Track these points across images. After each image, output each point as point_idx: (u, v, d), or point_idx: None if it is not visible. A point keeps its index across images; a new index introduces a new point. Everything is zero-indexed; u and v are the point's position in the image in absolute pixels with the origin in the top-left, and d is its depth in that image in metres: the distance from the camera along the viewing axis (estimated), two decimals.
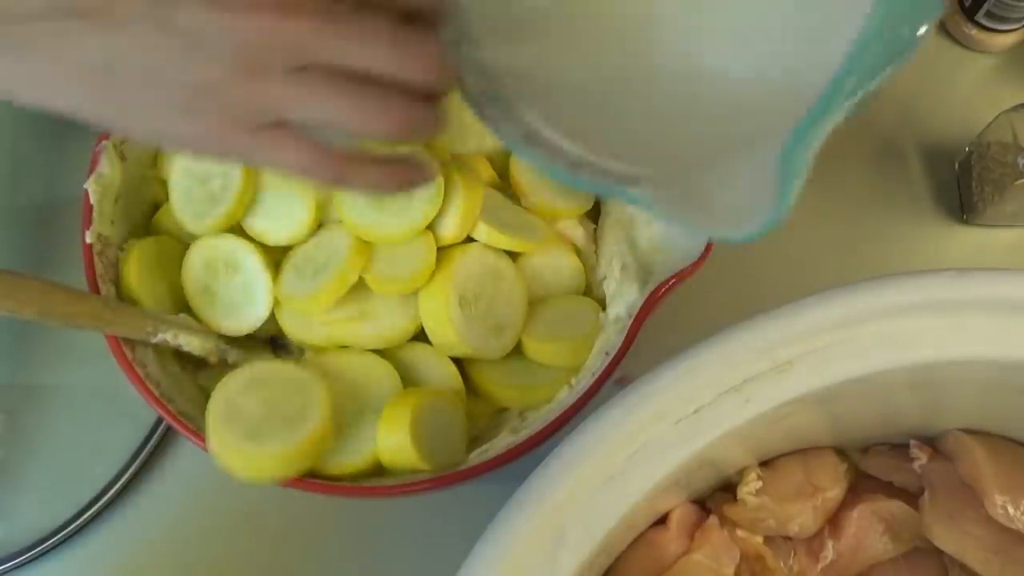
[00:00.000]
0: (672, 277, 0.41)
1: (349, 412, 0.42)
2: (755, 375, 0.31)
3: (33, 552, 0.48)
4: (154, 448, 0.50)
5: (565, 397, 0.43)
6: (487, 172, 0.47)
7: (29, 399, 0.52)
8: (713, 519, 0.36)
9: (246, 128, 0.30)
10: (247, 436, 0.38)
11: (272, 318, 0.45)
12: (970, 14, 0.58)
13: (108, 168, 0.44)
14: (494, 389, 0.46)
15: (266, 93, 0.30)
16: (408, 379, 0.45)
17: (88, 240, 0.42)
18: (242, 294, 0.45)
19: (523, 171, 0.47)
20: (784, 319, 0.31)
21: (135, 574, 0.48)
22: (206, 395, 0.45)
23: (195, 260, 0.45)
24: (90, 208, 0.43)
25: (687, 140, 0.39)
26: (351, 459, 0.41)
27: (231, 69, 0.29)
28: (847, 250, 0.57)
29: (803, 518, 0.37)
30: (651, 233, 0.46)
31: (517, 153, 0.40)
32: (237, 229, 0.45)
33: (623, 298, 0.44)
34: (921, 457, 0.37)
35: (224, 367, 0.45)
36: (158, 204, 0.48)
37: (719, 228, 0.34)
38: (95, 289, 0.42)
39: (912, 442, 0.38)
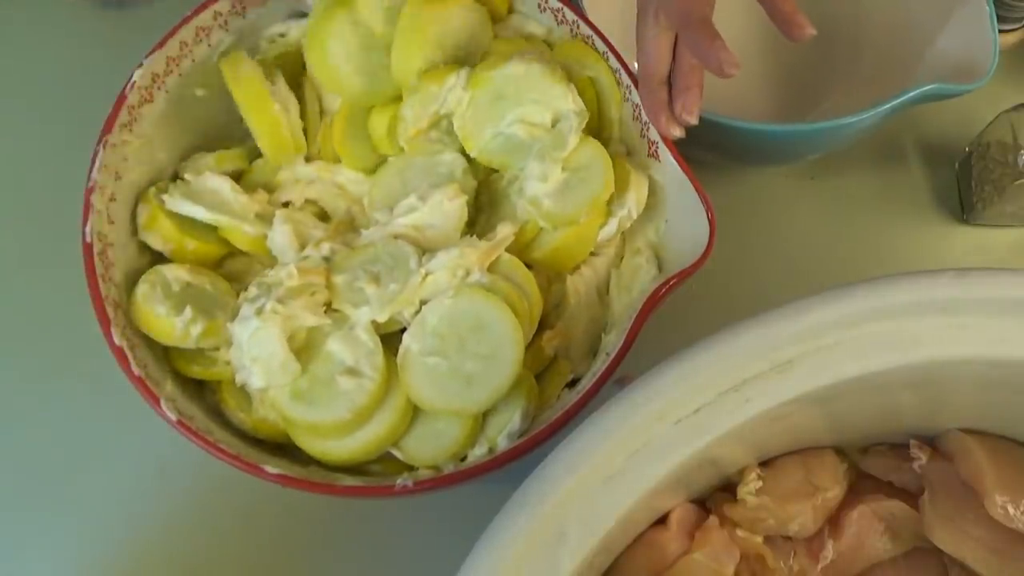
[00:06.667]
0: (672, 277, 0.41)
1: None
2: (755, 375, 0.31)
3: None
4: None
5: (565, 397, 0.43)
6: None
7: (29, 399, 0.52)
8: (713, 519, 0.36)
9: None
10: None
11: None
12: None
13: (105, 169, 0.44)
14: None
15: None
16: None
17: (88, 240, 0.42)
18: None
19: None
20: (784, 319, 0.31)
21: (135, 574, 0.48)
22: (206, 395, 0.45)
23: None
24: (90, 208, 0.43)
25: None
26: None
27: None
28: (847, 250, 0.57)
29: (803, 518, 0.37)
30: (660, 225, 0.46)
31: None
32: None
33: (639, 281, 0.44)
34: (921, 457, 0.37)
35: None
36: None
37: None
38: (95, 289, 0.42)
39: (912, 442, 0.38)
